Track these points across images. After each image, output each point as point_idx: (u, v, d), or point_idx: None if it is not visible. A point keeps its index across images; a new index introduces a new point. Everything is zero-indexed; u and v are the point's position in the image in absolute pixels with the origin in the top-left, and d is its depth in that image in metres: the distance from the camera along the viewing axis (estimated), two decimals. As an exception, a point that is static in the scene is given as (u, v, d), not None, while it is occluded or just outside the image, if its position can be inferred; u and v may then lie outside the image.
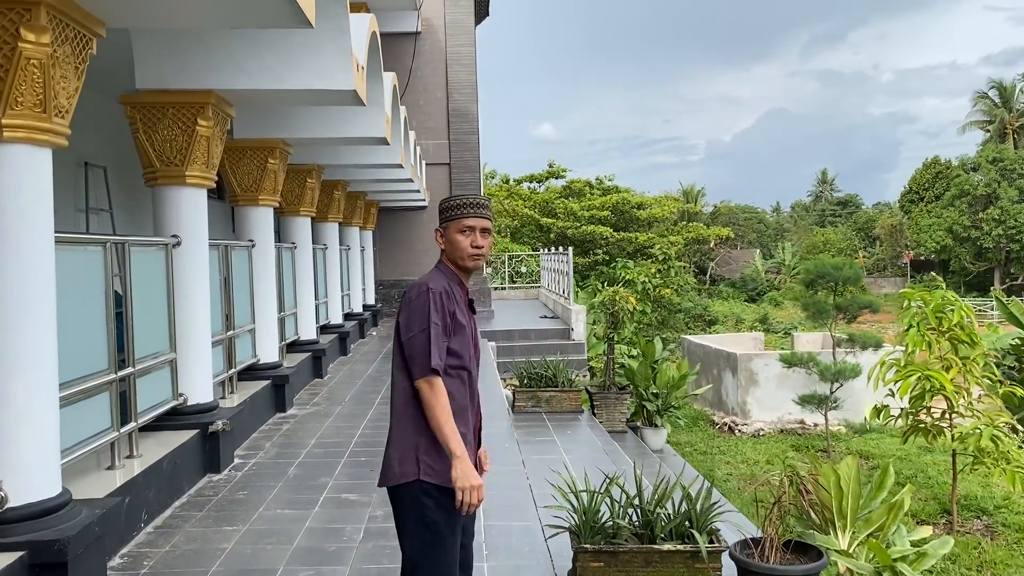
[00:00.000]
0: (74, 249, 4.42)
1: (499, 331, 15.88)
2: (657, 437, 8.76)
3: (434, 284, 2.78)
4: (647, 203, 35.15)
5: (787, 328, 36.37)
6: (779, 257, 60.38)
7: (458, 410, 2.75)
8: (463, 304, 2.87)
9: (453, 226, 2.85)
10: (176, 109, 5.73)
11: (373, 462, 6.21)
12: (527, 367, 8.36)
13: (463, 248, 2.83)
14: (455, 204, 2.87)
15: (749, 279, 53.71)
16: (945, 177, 55.85)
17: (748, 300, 48.93)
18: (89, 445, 4.41)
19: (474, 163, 19.02)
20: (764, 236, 73.50)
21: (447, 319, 2.74)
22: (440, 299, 2.73)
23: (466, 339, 2.81)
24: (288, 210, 10.09)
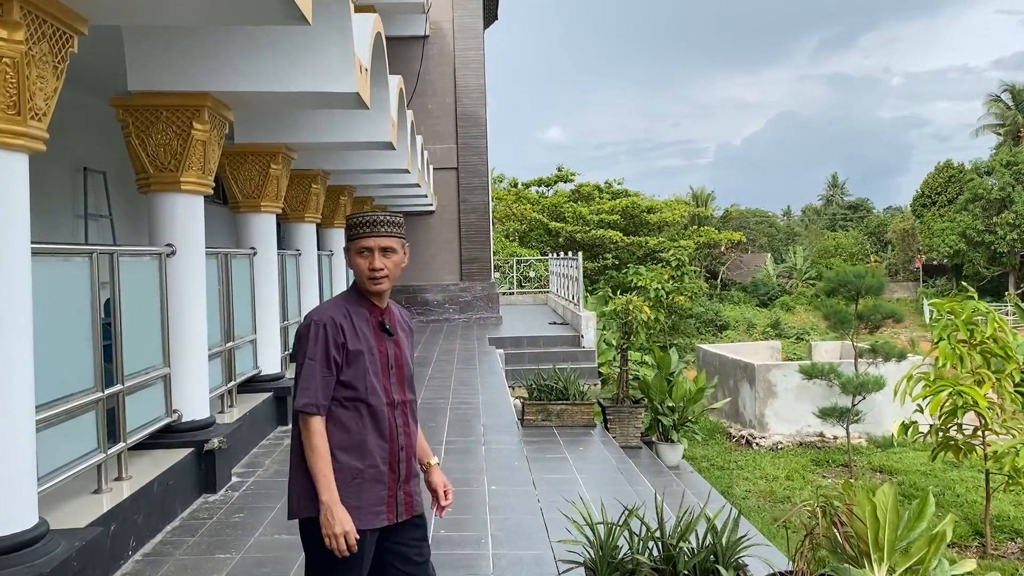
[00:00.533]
0: (56, 260, 4.15)
1: (507, 338, 15.58)
2: (673, 453, 8.45)
3: (319, 315, 2.66)
4: (657, 207, 34.83)
5: (800, 333, 36.02)
6: (790, 261, 59.96)
7: (353, 444, 2.62)
8: (370, 328, 2.70)
9: (353, 248, 2.71)
10: (170, 112, 5.47)
11: (377, 482, 5.93)
12: (536, 378, 8.07)
13: (362, 271, 2.68)
14: (353, 223, 2.71)
15: (760, 284, 53.29)
16: (958, 181, 55.34)
17: (759, 305, 48.53)
18: (71, 469, 4.14)
19: (482, 167, 18.76)
20: (775, 240, 73.03)
21: (331, 351, 2.60)
22: (323, 331, 2.60)
23: (362, 368, 2.64)
24: (292, 216, 9.84)
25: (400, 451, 2.70)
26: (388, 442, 2.67)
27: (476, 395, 9.45)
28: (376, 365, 2.67)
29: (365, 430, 2.64)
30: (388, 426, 2.67)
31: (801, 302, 48.77)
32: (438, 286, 18.56)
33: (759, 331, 36.57)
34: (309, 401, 2.56)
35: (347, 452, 2.60)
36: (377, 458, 2.64)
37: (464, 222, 18.69)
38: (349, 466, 2.59)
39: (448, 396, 9.37)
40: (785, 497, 8.71)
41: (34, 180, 8.17)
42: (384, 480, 2.65)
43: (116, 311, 4.77)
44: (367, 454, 2.63)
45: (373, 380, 2.65)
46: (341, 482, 2.56)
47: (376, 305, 2.74)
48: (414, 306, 18.43)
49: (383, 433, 2.67)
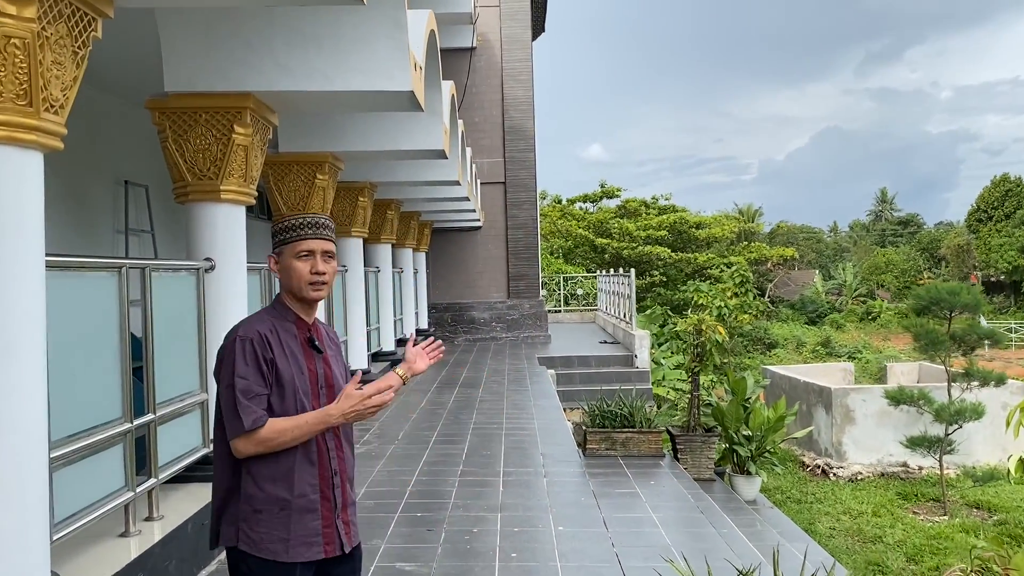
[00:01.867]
0: (77, 275, 3.69)
1: (557, 357, 15.01)
2: (750, 486, 7.77)
3: (246, 330, 2.44)
4: (706, 223, 33.99)
5: (851, 352, 34.84)
6: (840, 278, 58.70)
7: (280, 473, 2.41)
8: (297, 345, 2.50)
9: (288, 251, 2.50)
10: (210, 115, 5.03)
11: (432, 519, 5.38)
12: (599, 403, 7.47)
13: (301, 275, 2.48)
14: (290, 225, 2.52)
15: (809, 301, 52.04)
16: (1016, 195, 53.68)
17: (808, 322, 47.28)
18: (93, 513, 3.66)
19: (530, 182, 18.26)
20: (823, 256, 71.64)
21: (262, 367, 2.40)
22: (250, 347, 2.40)
23: (290, 389, 2.43)
24: (339, 231, 9.41)
25: (334, 477, 2.51)
26: (319, 468, 2.47)
27: (531, 420, 8.88)
28: (306, 385, 2.47)
29: (293, 457, 2.42)
30: (319, 452, 2.47)
31: (851, 319, 47.54)
32: (485, 304, 18.06)
33: (808, 349, 35.43)
34: (256, 417, 2.35)
35: (273, 482, 2.39)
36: (307, 487, 2.44)
37: (512, 238, 18.19)
38: (276, 497, 2.39)
39: (502, 421, 8.81)
40: (876, 536, 7.94)
41: (71, 193, 7.87)
42: (317, 510, 2.46)
43: (148, 331, 4.31)
44: (296, 483, 2.42)
45: (303, 401, 2.44)
46: (268, 514, 2.38)
47: (303, 320, 2.54)
48: (460, 324, 17.95)
49: (312, 459, 2.46)
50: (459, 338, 17.92)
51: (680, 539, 5.07)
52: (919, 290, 9.10)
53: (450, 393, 10.84)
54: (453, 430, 8.36)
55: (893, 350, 36.52)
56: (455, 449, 7.46)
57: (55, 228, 7.70)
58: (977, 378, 8.79)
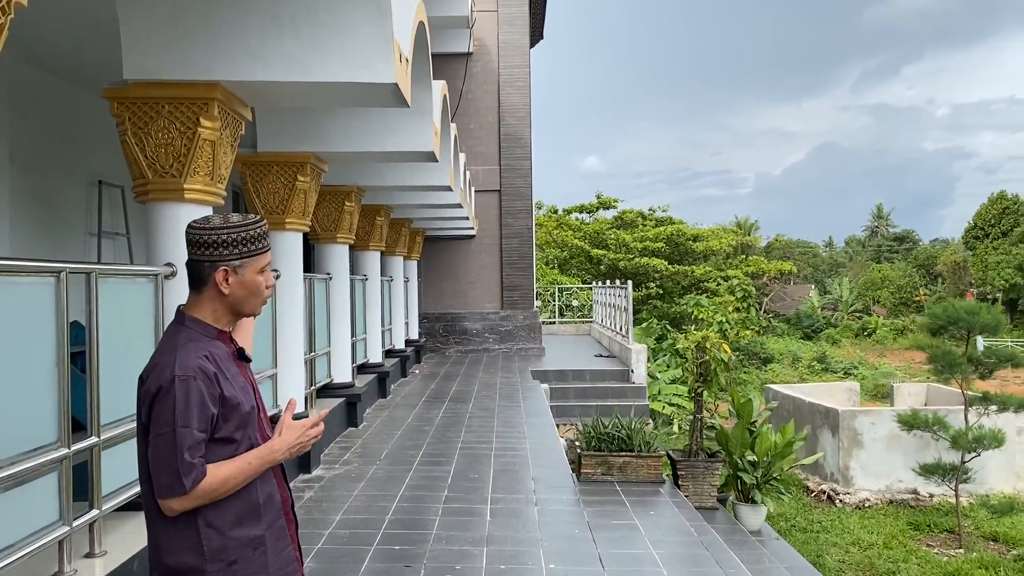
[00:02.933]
0: (7, 281, 3.23)
1: (551, 371, 14.56)
2: (755, 516, 7.29)
3: (184, 367, 2.08)
4: (703, 235, 33.61)
5: (847, 368, 34.50)
6: (835, 293, 58.56)
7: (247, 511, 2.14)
8: (232, 362, 2.24)
9: (252, 265, 2.22)
10: (174, 106, 4.58)
11: (411, 553, 4.91)
12: (595, 425, 7.02)
13: (260, 291, 2.26)
14: (255, 235, 2.23)
15: (804, 316, 51.79)
16: (1013, 213, 53.66)
17: (804, 337, 46.98)
18: (19, 551, 3.19)
19: (526, 190, 17.83)
20: (818, 271, 71.54)
21: (210, 410, 2.08)
22: (196, 388, 2.06)
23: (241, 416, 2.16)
24: (323, 237, 8.96)
25: (289, 494, 2.34)
26: (279, 489, 2.28)
27: (523, 439, 8.42)
28: (252, 401, 2.24)
29: (255, 487, 2.17)
30: (274, 470, 2.27)
31: (847, 335, 47.28)
32: (477, 314, 17.60)
33: (804, 365, 35.09)
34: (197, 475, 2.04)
35: (241, 524, 2.12)
36: (276, 513, 2.23)
37: (506, 247, 17.75)
38: (248, 538, 2.12)
39: (491, 440, 8.35)
40: (889, 571, 7.44)
41: (40, 192, 7.40)
42: (287, 534, 2.26)
43: (93, 344, 3.84)
44: (264, 514, 2.19)
45: (256, 422, 2.24)
46: (244, 561, 2.10)
47: (226, 332, 2.27)
48: (451, 334, 17.48)
49: (270, 480, 2.24)
50: (450, 349, 17.46)
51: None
52: (935, 309, 8.66)
53: (439, 408, 10.37)
54: (440, 449, 7.90)
55: (889, 367, 36.17)
56: (441, 471, 6.99)
57: (21, 229, 7.25)
58: (996, 403, 8.35)
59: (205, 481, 2.05)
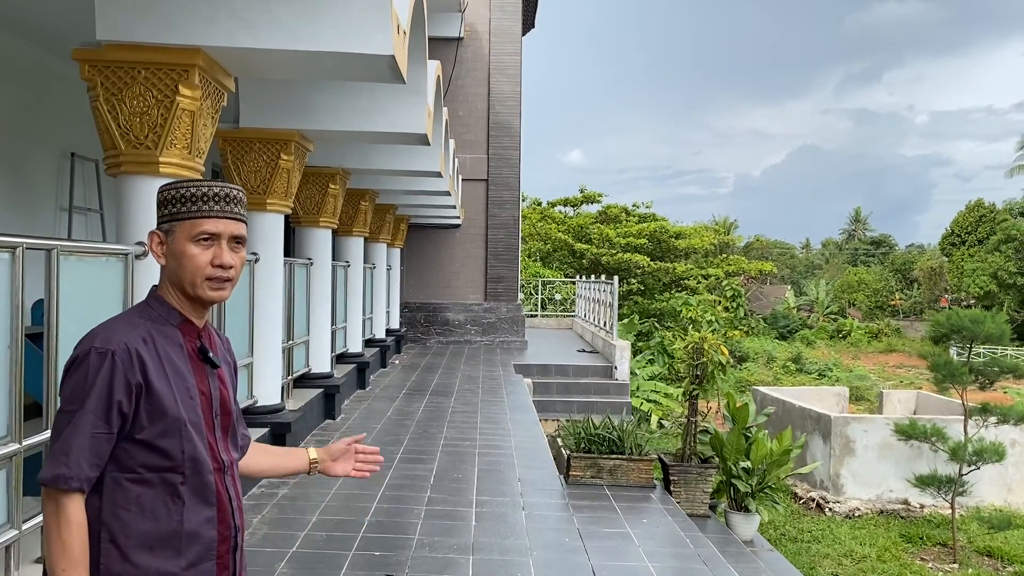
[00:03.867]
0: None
1: (534, 365, 14.28)
2: (748, 525, 7.05)
3: (104, 338, 1.72)
4: (686, 233, 33.45)
5: (822, 369, 34.59)
6: (811, 294, 58.93)
7: (162, 537, 1.72)
8: (184, 358, 1.81)
9: (181, 230, 1.80)
10: (151, 72, 4.22)
11: (392, 561, 4.60)
12: (585, 426, 6.73)
13: (198, 267, 1.79)
14: (186, 194, 1.80)
15: (780, 316, 52.01)
16: (989, 221, 54.18)
17: (779, 337, 47.17)
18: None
19: (514, 180, 17.50)
20: (795, 272, 71.97)
21: (117, 396, 1.69)
22: (109, 364, 1.69)
23: (174, 421, 1.75)
24: (306, 220, 8.60)
25: (236, 535, 1.86)
26: (219, 525, 1.81)
27: (507, 437, 8.12)
28: (196, 414, 1.79)
29: (181, 513, 1.75)
30: (219, 503, 1.81)
31: (822, 336, 47.55)
32: (460, 305, 17.27)
33: (779, 365, 35.14)
34: (66, 473, 1.63)
35: (151, 551, 1.71)
36: (204, 552, 1.78)
37: (492, 238, 17.41)
38: (156, 571, 1.71)
39: (475, 437, 8.04)
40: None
41: (7, 163, 6.98)
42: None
43: (53, 328, 3.48)
44: (186, 548, 1.75)
45: (194, 438, 1.77)
46: None
47: (192, 323, 1.85)
48: (433, 325, 17.15)
49: (211, 515, 1.80)
50: (432, 340, 17.12)
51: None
52: (938, 316, 8.47)
53: (420, 401, 10.04)
54: (421, 446, 7.58)
55: (863, 369, 36.32)
56: (423, 470, 6.68)
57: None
58: (996, 415, 8.16)
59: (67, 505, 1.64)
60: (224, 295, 1.85)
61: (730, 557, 5.67)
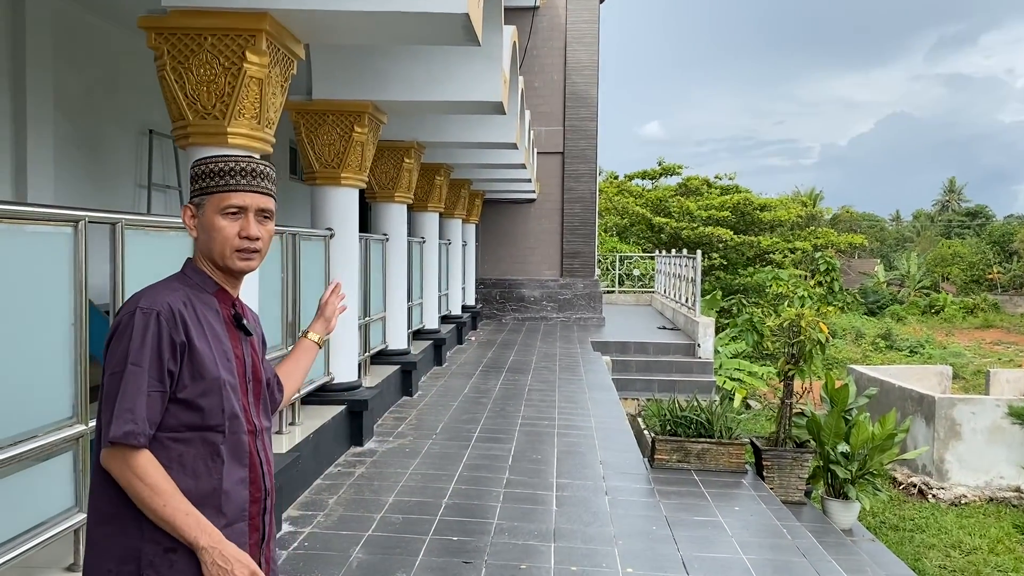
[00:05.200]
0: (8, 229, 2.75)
1: (612, 342, 13.95)
2: (847, 513, 6.62)
3: (150, 300, 1.78)
4: (771, 204, 32.32)
5: (913, 347, 33.18)
6: (902, 268, 56.58)
7: (202, 496, 1.77)
8: (221, 323, 1.89)
9: (211, 204, 1.88)
10: (217, 38, 4.06)
11: (470, 547, 4.40)
12: (671, 409, 6.40)
13: (226, 239, 1.87)
14: (215, 169, 1.88)
15: (870, 291, 50.10)
16: (1099, 188, 50.98)
17: (867, 313, 45.43)
18: (27, 542, 2.75)
19: (590, 153, 17.09)
20: (884, 246, 69.29)
21: (165, 355, 1.75)
22: (155, 324, 1.74)
23: (214, 382, 1.80)
24: (381, 195, 8.46)
25: (266, 498, 1.92)
26: (250, 486, 1.87)
27: (587, 416, 7.86)
28: (233, 375, 1.87)
29: (221, 472, 1.81)
30: (251, 463, 1.87)
31: (913, 312, 45.59)
32: (536, 281, 17.03)
33: (868, 341, 33.81)
34: (135, 429, 1.70)
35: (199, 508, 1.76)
36: (238, 512, 1.84)
37: (567, 212, 17.08)
38: None
39: (553, 417, 7.80)
40: (998, 582, 6.77)
41: (87, 140, 6.99)
42: (245, 543, 1.85)
43: (117, 304, 3.36)
44: (225, 507, 1.81)
45: (231, 398, 1.84)
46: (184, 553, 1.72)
47: (226, 291, 1.94)
48: (508, 302, 16.96)
49: (244, 475, 1.85)
50: (507, 316, 16.95)
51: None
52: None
53: (496, 379, 9.86)
54: (499, 425, 7.39)
55: (958, 346, 34.66)
56: (500, 450, 6.48)
57: (65, 179, 6.87)
58: None
59: (140, 457, 1.71)
60: (252, 265, 1.92)
61: (830, 548, 5.29)
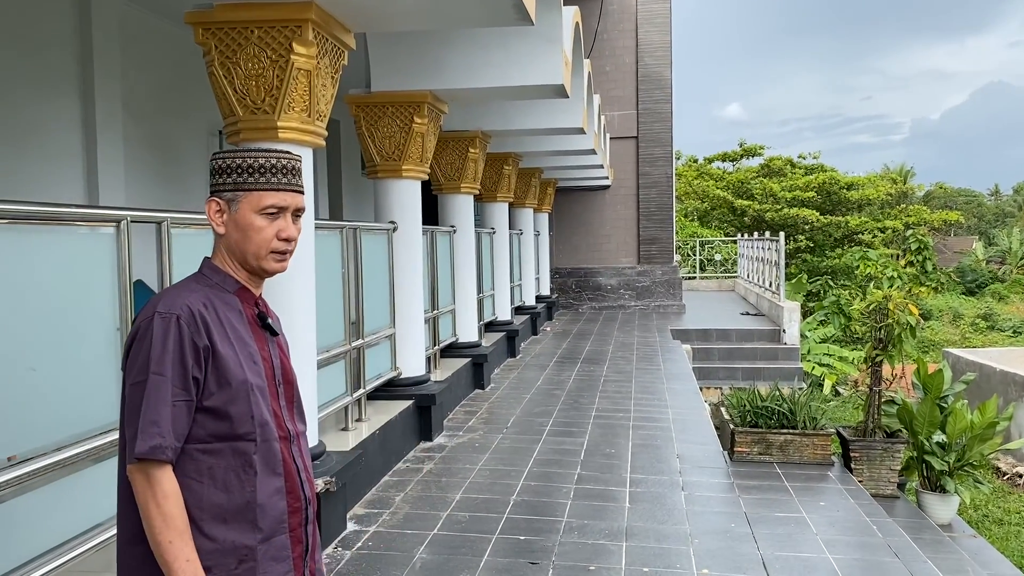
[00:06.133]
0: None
1: (693, 330, 13.57)
2: (945, 508, 6.17)
3: (168, 303, 1.67)
4: (858, 183, 31.03)
5: (1016, 327, 31.41)
6: (1003, 245, 53.63)
7: (235, 509, 1.66)
8: (244, 324, 1.77)
9: (248, 202, 1.76)
10: (263, 31, 3.98)
11: (538, 546, 4.24)
12: (751, 398, 6.09)
13: (265, 240, 1.76)
14: (253, 165, 1.75)
15: (968, 269, 47.69)
16: None
17: (966, 293, 43.25)
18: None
19: (666, 136, 16.65)
20: (983, 222, 65.90)
21: (189, 361, 1.64)
22: (176, 329, 1.64)
23: (240, 388, 1.69)
24: (447, 187, 8.36)
25: (307, 507, 1.81)
26: (288, 496, 1.76)
27: (664, 408, 7.59)
28: (261, 379, 1.76)
29: (254, 484, 1.70)
30: (287, 472, 1.77)
31: (1016, 291, 43.14)
32: (612, 269, 16.72)
33: (967, 322, 32.16)
34: (163, 443, 1.60)
35: (226, 523, 1.66)
36: (276, 524, 1.72)
37: (643, 198, 16.70)
38: (232, 545, 1.66)
39: (629, 408, 7.57)
40: None
41: (156, 142, 7.11)
42: (288, 556, 1.74)
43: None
44: (260, 521, 1.70)
45: (260, 403, 1.73)
46: (218, 568, 1.64)
47: (248, 290, 1.84)
48: (585, 291, 16.72)
49: (279, 484, 1.74)
50: (584, 306, 16.70)
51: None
52: None
53: (571, 370, 9.67)
54: (571, 418, 7.20)
55: (1065, 327, 32.63)
56: (573, 444, 6.30)
57: (136, 178, 6.97)
58: None
59: (161, 477, 1.60)
60: (285, 267, 1.84)
61: (925, 546, 4.92)
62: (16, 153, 5.64)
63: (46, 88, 5.91)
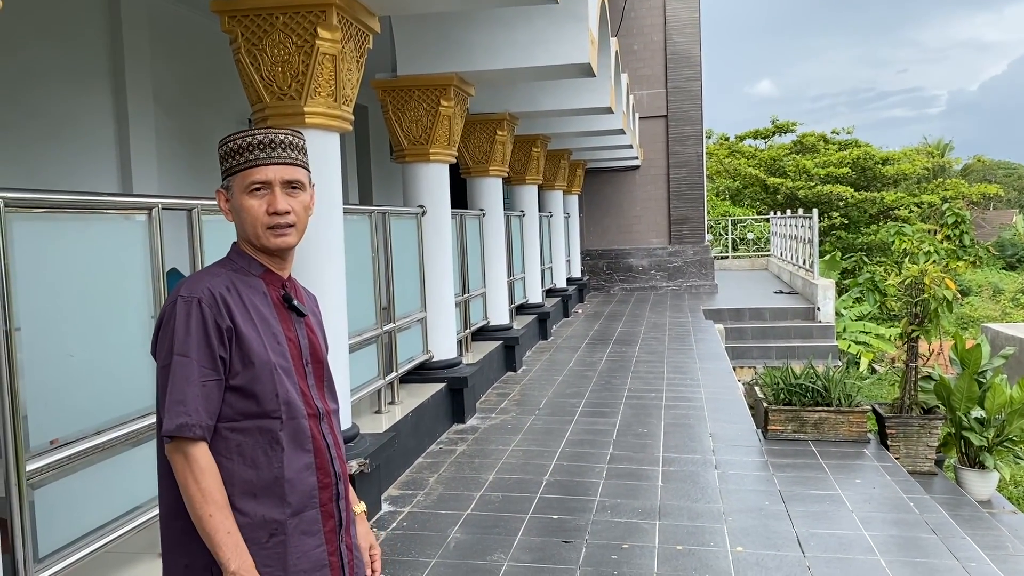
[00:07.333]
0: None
1: (726, 310, 13.47)
2: (984, 484, 6.07)
3: (190, 288, 1.72)
4: (894, 158, 30.45)
5: (1060, 301, 30.69)
6: (1044, 218, 52.38)
7: (264, 485, 1.71)
8: (269, 306, 1.80)
9: (237, 184, 1.79)
10: (288, 16, 4.00)
11: (571, 525, 4.26)
12: (784, 375, 6.04)
13: (256, 218, 1.78)
14: (235, 147, 1.78)
15: (1008, 243, 46.63)
16: None
17: (1006, 267, 42.33)
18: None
19: (695, 114, 16.47)
20: (1024, 195, 64.41)
21: (213, 341, 1.68)
22: (198, 311, 1.69)
23: (265, 366, 1.72)
24: (475, 170, 8.35)
25: (338, 483, 1.84)
26: (318, 472, 1.79)
27: (697, 387, 7.56)
28: (287, 360, 1.79)
29: (281, 460, 1.74)
30: (316, 448, 1.79)
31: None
32: (643, 250, 16.63)
33: (1007, 298, 31.52)
34: (189, 421, 1.65)
35: (255, 498, 1.72)
36: (305, 499, 1.76)
37: (674, 177, 16.56)
38: (262, 519, 1.71)
39: (661, 388, 7.55)
40: None
41: (185, 132, 7.20)
42: (319, 531, 1.78)
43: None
44: (289, 496, 1.74)
45: (286, 382, 1.77)
46: (253, 546, 1.68)
47: (274, 273, 1.85)
48: (616, 272, 16.65)
49: (309, 461, 1.78)
50: (615, 287, 16.65)
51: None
52: None
53: (603, 351, 9.65)
54: (604, 398, 7.20)
55: (1108, 301, 31.81)
56: (605, 424, 6.30)
57: (168, 169, 7.06)
58: None
59: (196, 453, 1.65)
60: (289, 241, 1.81)
61: (964, 523, 4.85)
62: (52, 146, 5.74)
63: (79, 81, 6.00)
